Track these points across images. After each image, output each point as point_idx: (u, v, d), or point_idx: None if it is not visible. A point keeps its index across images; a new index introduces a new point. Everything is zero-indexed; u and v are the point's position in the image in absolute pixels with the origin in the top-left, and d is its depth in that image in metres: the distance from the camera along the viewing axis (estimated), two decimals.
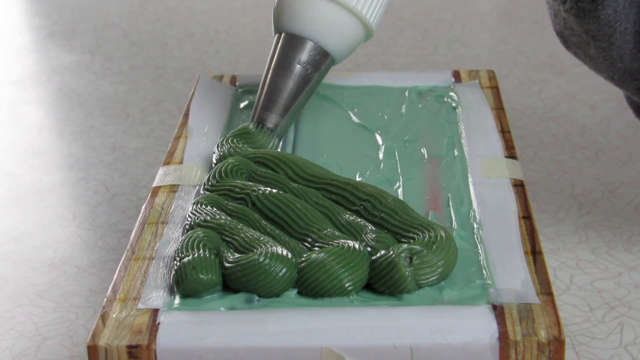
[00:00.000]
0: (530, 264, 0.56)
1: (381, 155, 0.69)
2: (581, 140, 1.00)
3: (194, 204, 0.61)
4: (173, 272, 0.55)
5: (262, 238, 0.56)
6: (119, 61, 1.30)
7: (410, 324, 0.50)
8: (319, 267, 0.54)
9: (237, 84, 0.81)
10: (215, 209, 0.60)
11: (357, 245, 0.55)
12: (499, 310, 0.51)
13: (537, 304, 0.52)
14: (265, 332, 0.50)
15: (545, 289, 0.53)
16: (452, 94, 0.77)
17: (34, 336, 0.73)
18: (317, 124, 0.74)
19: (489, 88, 0.79)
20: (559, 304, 0.72)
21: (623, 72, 0.75)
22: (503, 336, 0.50)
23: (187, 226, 0.60)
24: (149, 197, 0.65)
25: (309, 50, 0.72)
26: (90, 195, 0.94)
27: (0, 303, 0.77)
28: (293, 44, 0.72)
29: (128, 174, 0.98)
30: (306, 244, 0.57)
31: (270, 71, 0.72)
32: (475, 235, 0.59)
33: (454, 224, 0.60)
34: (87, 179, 0.97)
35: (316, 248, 0.56)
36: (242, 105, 0.78)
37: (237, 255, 0.55)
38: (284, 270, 0.54)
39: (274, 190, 0.61)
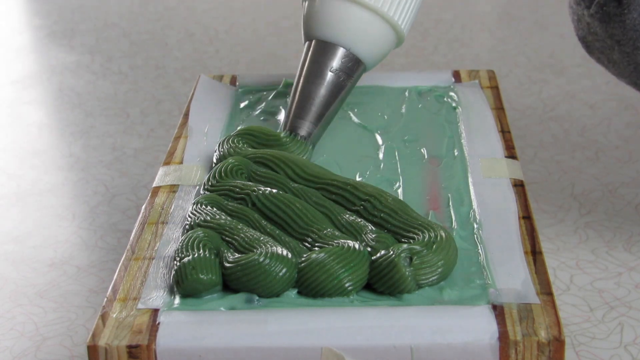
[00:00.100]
0: (530, 264, 0.56)
1: (381, 155, 0.69)
2: (581, 140, 1.00)
3: (194, 204, 0.61)
4: (173, 272, 0.55)
5: (262, 238, 0.56)
6: (119, 61, 1.30)
7: (410, 324, 0.50)
8: (319, 267, 0.54)
9: (237, 84, 0.81)
10: (215, 209, 0.60)
11: (357, 245, 0.55)
12: (499, 310, 0.51)
13: (537, 304, 0.52)
14: (265, 332, 0.50)
15: (545, 289, 0.53)
16: (452, 94, 0.77)
17: (34, 336, 0.73)
18: None
19: (489, 88, 0.79)
20: (559, 304, 0.72)
21: None
22: (503, 336, 0.50)
23: (187, 226, 0.60)
24: (149, 197, 0.65)
25: (341, 57, 0.71)
26: (90, 195, 0.94)
27: (0, 303, 0.77)
28: (325, 51, 0.71)
29: (128, 174, 0.98)
30: (306, 244, 0.57)
31: (301, 79, 0.71)
32: (475, 235, 0.59)
33: (454, 224, 0.60)
34: (87, 179, 0.97)
35: (316, 248, 0.56)
36: (242, 105, 0.78)
37: (237, 255, 0.55)
38: (284, 270, 0.54)
39: (274, 190, 0.61)
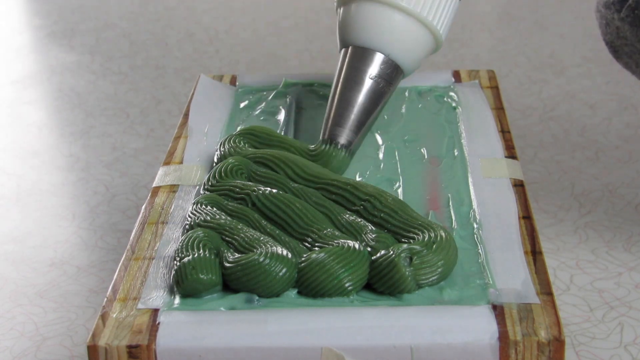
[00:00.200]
0: (530, 264, 0.56)
1: (381, 155, 0.69)
2: (581, 140, 1.00)
3: (194, 204, 0.61)
4: (173, 272, 0.55)
5: (262, 238, 0.56)
6: (119, 61, 1.30)
7: (410, 324, 0.50)
8: (319, 267, 0.54)
9: (237, 84, 0.81)
10: (215, 209, 0.60)
11: (357, 245, 0.55)
12: (499, 310, 0.51)
13: (537, 304, 0.52)
14: (265, 332, 0.50)
15: (545, 289, 0.53)
16: (452, 94, 0.77)
17: (34, 336, 0.73)
18: (317, 123, 0.74)
19: (489, 88, 0.79)
20: (559, 304, 0.72)
21: None
22: (503, 336, 0.50)
23: (187, 226, 0.60)
24: (149, 197, 0.65)
25: (380, 64, 0.69)
26: (90, 195, 0.94)
27: (0, 303, 0.77)
28: (363, 57, 0.70)
29: (128, 174, 0.98)
30: (306, 244, 0.57)
31: (339, 86, 0.69)
32: (475, 235, 0.58)
33: (454, 224, 0.60)
34: (87, 179, 0.97)
35: (316, 248, 0.56)
36: (242, 105, 0.78)
37: (237, 255, 0.55)
38: (284, 270, 0.54)
39: (274, 190, 0.61)
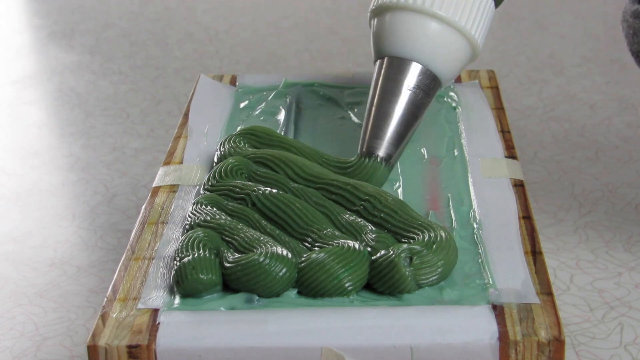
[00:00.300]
0: (530, 264, 0.56)
1: None
2: (581, 140, 1.00)
3: (194, 204, 0.61)
4: (173, 272, 0.55)
5: (262, 238, 0.56)
6: (119, 61, 1.30)
7: (410, 324, 0.50)
8: (319, 267, 0.54)
9: (237, 84, 0.81)
10: (215, 209, 0.60)
11: (357, 245, 0.55)
12: (499, 310, 0.51)
13: (537, 304, 0.52)
14: (265, 332, 0.50)
15: (545, 289, 0.53)
16: (452, 94, 0.77)
17: (34, 336, 0.73)
18: (317, 123, 0.74)
19: (489, 88, 0.79)
20: (559, 304, 0.72)
21: None
22: (503, 336, 0.50)
23: (187, 226, 0.60)
24: (149, 197, 0.65)
25: (418, 75, 0.68)
26: (90, 195, 0.94)
27: (0, 303, 0.77)
28: (400, 68, 0.68)
29: (128, 174, 0.98)
30: (306, 244, 0.57)
31: (376, 98, 0.68)
32: (475, 235, 0.58)
33: (454, 224, 0.60)
34: (87, 179, 0.97)
35: (316, 248, 0.56)
36: (242, 105, 0.78)
37: (237, 255, 0.55)
38: (284, 270, 0.54)
39: (274, 190, 0.61)
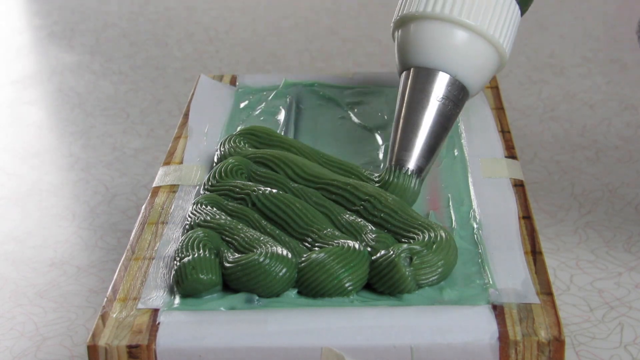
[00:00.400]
0: (530, 264, 0.56)
1: (381, 155, 0.69)
2: (581, 140, 1.00)
3: (194, 204, 0.61)
4: (173, 272, 0.55)
5: (262, 238, 0.56)
6: (119, 61, 1.30)
7: (410, 324, 0.50)
8: (319, 267, 0.54)
9: (237, 84, 0.81)
10: (215, 209, 0.60)
11: (357, 245, 0.55)
12: (499, 310, 0.51)
13: (537, 304, 0.52)
14: (265, 332, 0.50)
15: (545, 289, 0.53)
16: None
17: (34, 336, 0.73)
18: (317, 123, 0.74)
19: (489, 88, 0.79)
20: (559, 304, 0.72)
21: None
22: (503, 336, 0.50)
23: (187, 226, 0.60)
24: (149, 197, 0.65)
25: (447, 85, 0.66)
26: (90, 195, 0.94)
27: (0, 303, 0.77)
28: (428, 78, 0.66)
29: (128, 174, 0.98)
30: (306, 244, 0.57)
31: (404, 109, 0.66)
32: (475, 235, 0.58)
33: (454, 224, 0.60)
34: (87, 179, 0.97)
35: (316, 248, 0.56)
36: (242, 105, 0.78)
37: (237, 255, 0.55)
38: (284, 270, 0.54)
39: (274, 190, 0.61)
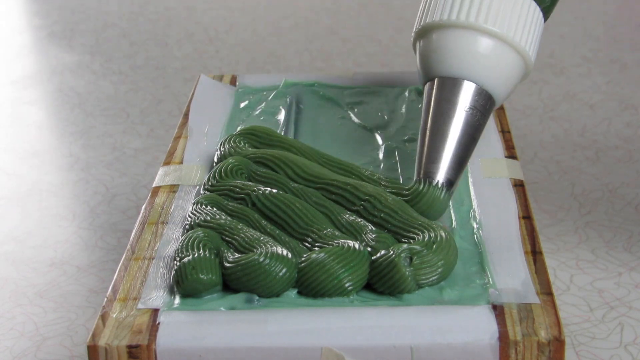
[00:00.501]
0: (530, 264, 0.56)
1: (381, 155, 0.69)
2: (581, 140, 1.00)
3: (194, 204, 0.61)
4: (173, 272, 0.55)
5: (262, 238, 0.56)
6: (119, 61, 1.30)
7: (410, 324, 0.50)
8: (319, 267, 0.54)
9: (237, 84, 0.81)
10: (215, 209, 0.60)
11: (357, 245, 0.55)
12: (499, 310, 0.51)
13: (537, 304, 0.52)
14: (265, 332, 0.50)
15: (545, 289, 0.53)
16: None
17: (34, 336, 0.73)
18: (317, 123, 0.74)
19: None
20: (559, 304, 0.72)
21: None
22: (503, 336, 0.50)
23: (187, 226, 0.60)
24: (149, 197, 0.65)
25: (474, 95, 0.65)
26: (90, 195, 0.94)
27: (0, 303, 0.77)
28: (454, 88, 0.65)
29: (128, 174, 0.98)
30: (306, 244, 0.57)
31: (429, 120, 0.64)
32: (475, 235, 0.58)
33: (454, 224, 0.60)
34: (87, 179, 0.97)
35: (316, 248, 0.56)
36: (242, 105, 0.78)
37: (237, 255, 0.55)
38: (284, 270, 0.54)
39: (274, 190, 0.61)
